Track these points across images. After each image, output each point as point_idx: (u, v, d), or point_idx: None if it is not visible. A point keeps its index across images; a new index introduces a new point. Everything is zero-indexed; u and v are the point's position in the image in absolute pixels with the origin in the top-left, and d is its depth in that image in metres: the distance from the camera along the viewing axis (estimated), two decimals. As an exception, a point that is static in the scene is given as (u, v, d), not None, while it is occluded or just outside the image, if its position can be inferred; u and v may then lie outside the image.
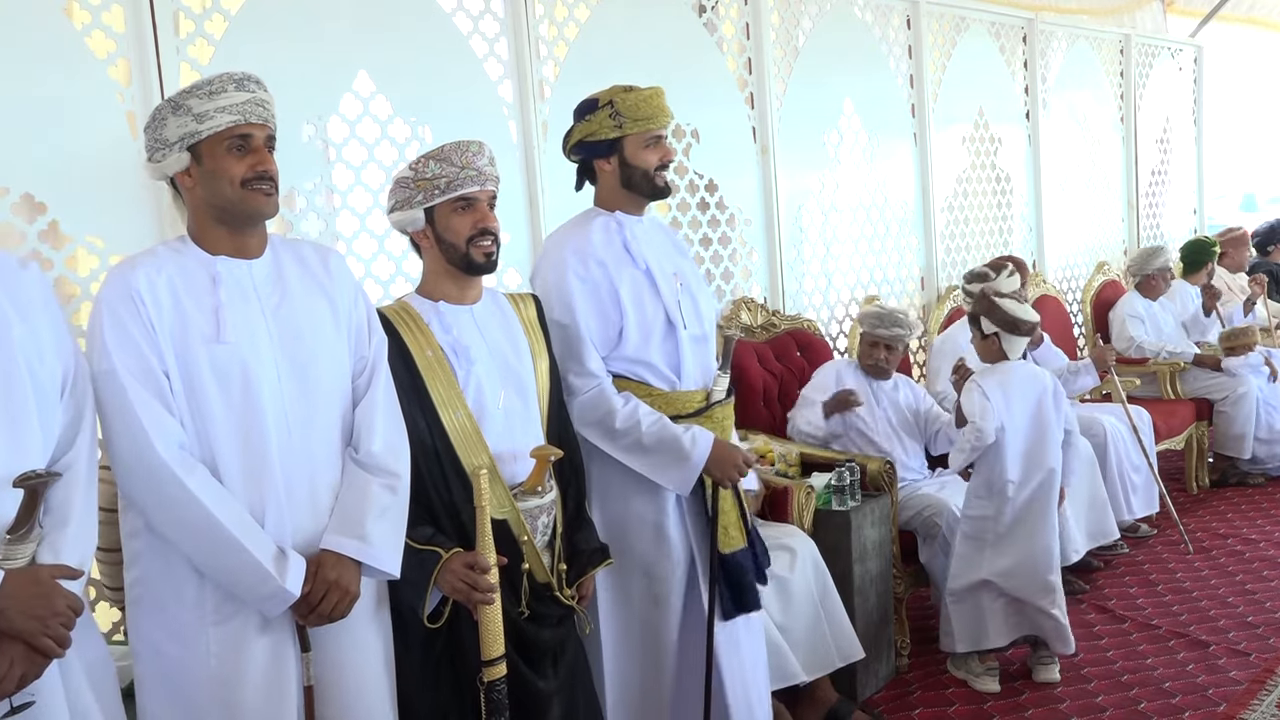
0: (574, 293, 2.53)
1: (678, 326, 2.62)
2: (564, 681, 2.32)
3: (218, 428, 1.90)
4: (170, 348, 1.88)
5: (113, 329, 1.85)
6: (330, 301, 2.06)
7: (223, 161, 1.93)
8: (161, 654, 1.93)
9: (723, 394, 2.67)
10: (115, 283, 1.90)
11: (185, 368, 1.89)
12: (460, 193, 2.24)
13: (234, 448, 1.91)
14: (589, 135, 2.59)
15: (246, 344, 1.93)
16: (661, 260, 2.66)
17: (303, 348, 1.99)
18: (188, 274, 1.94)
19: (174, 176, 1.97)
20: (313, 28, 3.15)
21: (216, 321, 1.91)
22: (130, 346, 1.85)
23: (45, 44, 2.64)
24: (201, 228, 1.99)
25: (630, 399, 2.55)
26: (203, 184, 1.95)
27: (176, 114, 1.92)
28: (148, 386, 1.85)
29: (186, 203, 2.00)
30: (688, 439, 2.53)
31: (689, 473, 2.54)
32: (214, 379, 1.90)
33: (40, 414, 1.73)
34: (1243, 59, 8.80)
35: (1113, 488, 4.55)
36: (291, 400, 1.96)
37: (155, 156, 1.96)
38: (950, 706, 3.39)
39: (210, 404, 1.90)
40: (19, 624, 1.60)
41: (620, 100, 2.56)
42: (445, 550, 2.12)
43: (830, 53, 4.85)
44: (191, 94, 1.92)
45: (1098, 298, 6.20)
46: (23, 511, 1.65)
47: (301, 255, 2.09)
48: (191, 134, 1.91)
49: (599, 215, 2.65)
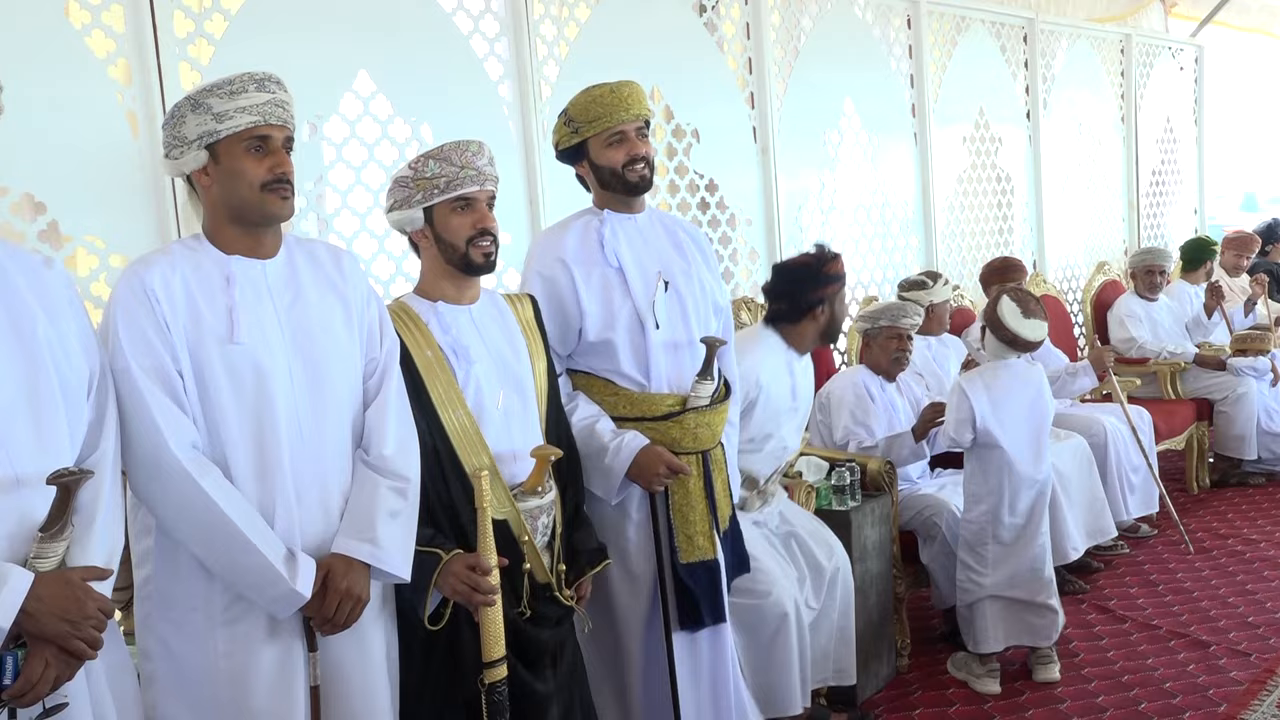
0: (535, 291, 2.55)
1: (647, 327, 2.59)
2: (562, 683, 2.31)
3: (230, 428, 1.89)
4: (184, 347, 1.87)
5: (126, 327, 1.85)
6: (343, 302, 2.06)
7: (241, 162, 1.92)
8: (171, 653, 1.93)
9: (704, 401, 2.61)
10: (129, 281, 1.88)
11: (198, 367, 1.88)
12: (459, 192, 2.24)
13: (246, 448, 1.90)
14: (557, 144, 2.65)
15: (260, 344, 1.92)
16: (644, 259, 2.64)
17: (315, 348, 1.99)
18: (202, 273, 1.93)
19: (191, 175, 1.96)
20: (313, 28, 3.15)
21: (230, 321, 1.90)
22: (144, 345, 1.84)
23: (45, 44, 2.64)
24: (216, 227, 1.98)
25: (575, 396, 2.56)
26: (220, 183, 1.94)
27: (196, 112, 1.90)
28: (162, 385, 1.84)
29: (202, 201, 1.99)
30: (612, 448, 2.50)
31: (612, 480, 2.52)
32: (227, 379, 1.89)
33: (68, 413, 1.73)
34: (1243, 59, 8.81)
35: (1111, 488, 4.55)
36: (304, 401, 1.96)
37: (173, 154, 1.94)
38: (950, 706, 3.39)
39: (223, 404, 1.89)
40: (51, 628, 1.60)
41: (572, 106, 2.58)
42: (445, 552, 2.11)
43: (830, 53, 4.86)
44: (212, 92, 1.91)
45: (1098, 298, 6.20)
46: (55, 509, 1.65)
47: (315, 255, 2.08)
48: (210, 133, 1.90)
49: (583, 214, 2.68)
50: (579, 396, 2.58)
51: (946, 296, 4.52)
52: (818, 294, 3.20)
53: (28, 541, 1.64)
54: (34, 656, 1.60)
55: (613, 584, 2.59)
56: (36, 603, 1.58)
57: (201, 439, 1.88)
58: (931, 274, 4.59)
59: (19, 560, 1.63)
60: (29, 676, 1.59)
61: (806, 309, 3.21)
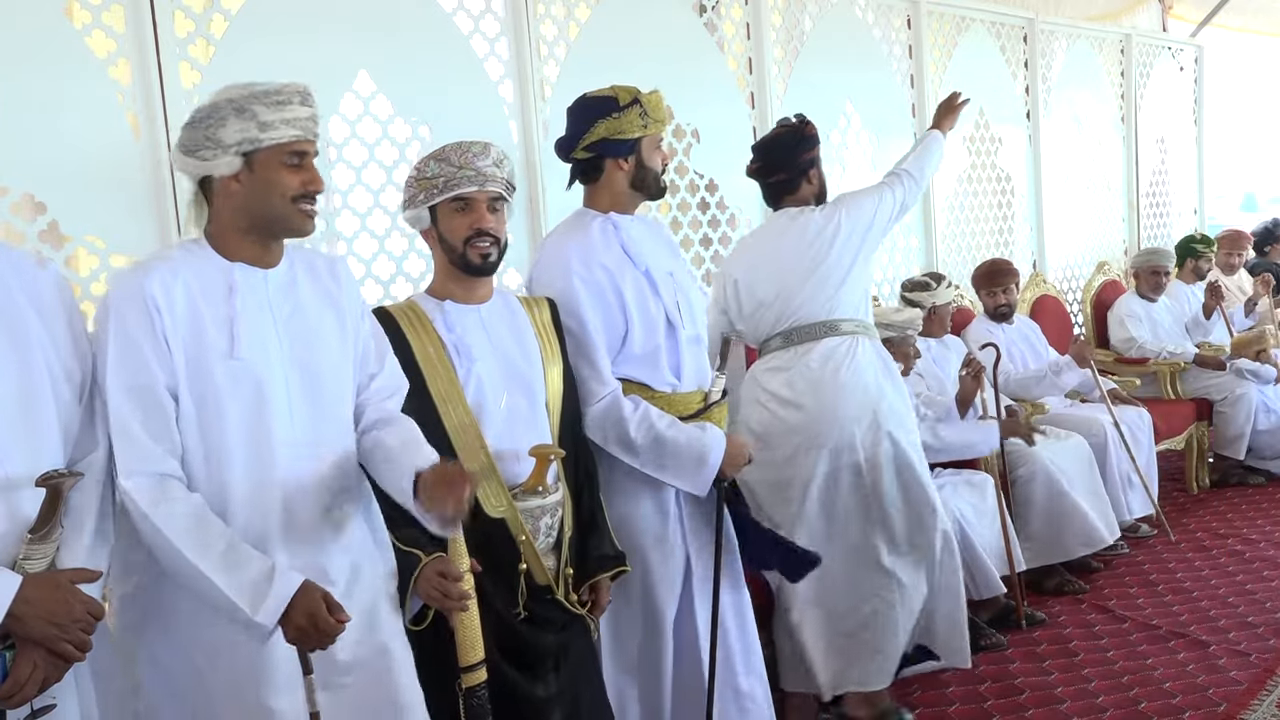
0: (580, 298, 2.50)
1: (677, 327, 2.61)
2: (565, 688, 2.29)
3: (229, 443, 1.84)
4: (182, 361, 1.81)
5: (119, 339, 1.78)
6: (338, 312, 2.02)
7: (278, 174, 1.87)
8: (158, 661, 1.89)
9: (719, 395, 2.67)
10: (128, 289, 1.81)
11: (198, 383, 1.82)
12: (456, 193, 2.24)
13: (243, 464, 1.85)
14: (616, 133, 2.56)
15: (259, 358, 1.87)
16: (658, 260, 2.65)
17: (312, 360, 1.95)
18: (204, 280, 1.87)
19: (213, 178, 1.88)
20: (313, 28, 3.15)
21: (230, 335, 1.85)
22: (132, 362, 1.78)
23: (45, 44, 2.64)
24: (225, 232, 1.91)
25: (639, 404, 2.53)
26: (250, 192, 1.87)
27: (240, 117, 1.84)
28: (140, 408, 1.78)
29: (216, 206, 1.91)
30: (704, 442, 2.53)
31: (707, 474, 2.55)
32: (227, 394, 1.84)
33: (59, 415, 1.72)
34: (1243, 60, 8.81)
35: (1112, 487, 4.55)
36: (300, 414, 1.92)
37: (201, 154, 1.86)
38: (950, 706, 3.39)
39: (222, 419, 1.84)
40: (39, 630, 1.59)
41: (645, 100, 2.58)
42: (425, 554, 2.07)
43: (831, 53, 4.85)
44: (258, 99, 1.85)
45: (1098, 298, 6.20)
46: (45, 511, 1.65)
47: (314, 266, 2.04)
48: (251, 140, 1.84)
49: (595, 217, 2.63)
50: (640, 400, 2.55)
51: (949, 298, 4.51)
52: (808, 155, 3.27)
53: (17, 543, 1.64)
54: (22, 658, 1.59)
55: (652, 576, 2.60)
56: (25, 605, 1.58)
57: (197, 459, 1.83)
58: (935, 275, 4.59)
59: (7, 561, 1.62)
60: (17, 678, 1.58)
61: (801, 173, 3.27)
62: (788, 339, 3.15)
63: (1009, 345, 4.78)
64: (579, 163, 2.64)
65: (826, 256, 3.13)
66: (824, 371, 3.08)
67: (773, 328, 3.19)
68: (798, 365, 3.11)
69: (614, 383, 2.52)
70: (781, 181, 3.28)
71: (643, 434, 2.49)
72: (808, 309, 3.13)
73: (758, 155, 3.33)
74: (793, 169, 3.25)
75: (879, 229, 3.26)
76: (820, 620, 3.10)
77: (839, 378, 3.07)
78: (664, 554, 2.60)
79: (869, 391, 3.09)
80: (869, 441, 3.08)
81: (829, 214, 3.20)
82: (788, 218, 3.24)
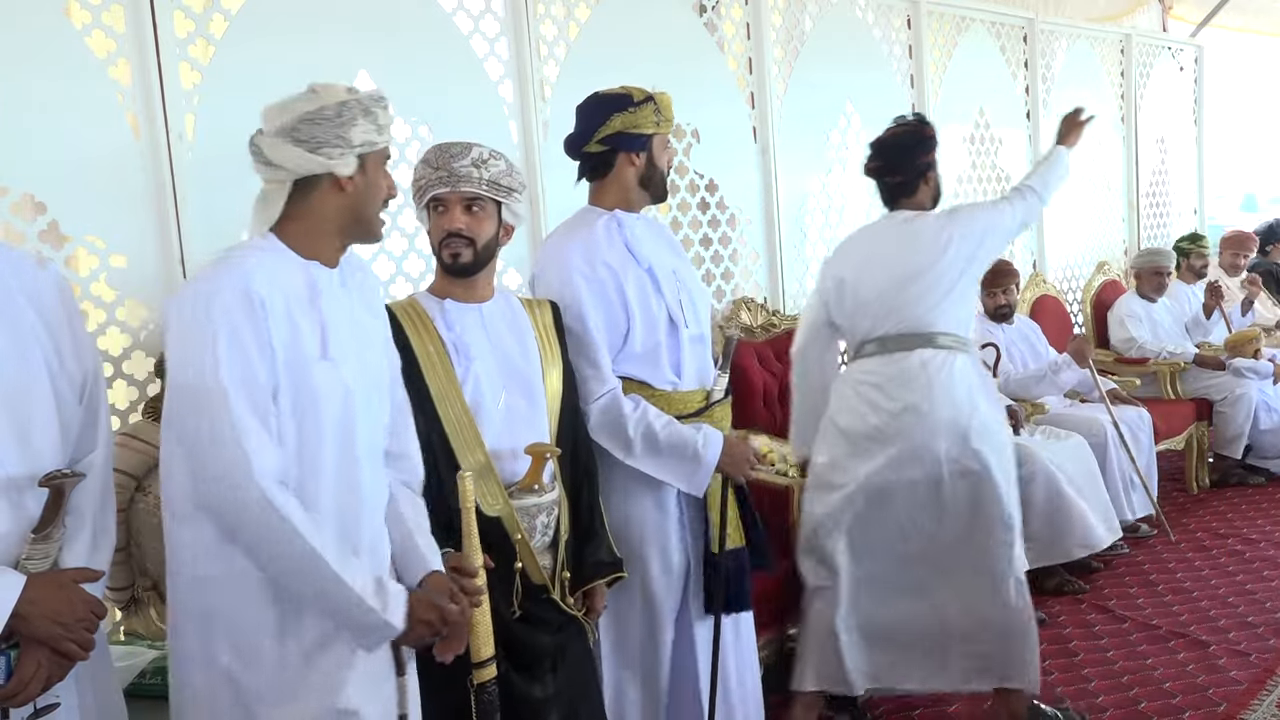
0: (582, 297, 2.50)
1: (679, 326, 2.61)
2: (562, 689, 2.29)
3: (322, 452, 1.78)
4: (283, 364, 1.74)
5: (230, 341, 1.69)
6: (374, 314, 2.00)
7: (381, 178, 1.89)
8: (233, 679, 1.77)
9: (721, 394, 2.67)
10: (232, 287, 1.71)
11: (295, 386, 1.75)
12: (430, 195, 2.26)
13: (332, 473, 1.80)
14: (631, 126, 2.56)
15: (344, 360, 1.82)
16: (662, 258, 2.65)
17: (372, 362, 1.92)
18: (290, 279, 1.80)
19: (312, 175, 1.81)
20: (313, 28, 3.15)
21: (322, 335, 1.79)
22: (244, 363, 1.70)
23: (45, 44, 2.64)
24: (313, 231, 1.84)
25: (639, 403, 2.53)
26: (360, 193, 1.85)
27: (367, 119, 1.82)
28: (256, 410, 1.70)
29: (313, 204, 1.83)
30: (699, 440, 2.53)
31: (703, 473, 2.54)
32: (321, 398, 1.77)
33: (60, 415, 1.72)
34: (1243, 60, 8.81)
35: (1113, 487, 4.56)
36: (370, 422, 1.88)
37: (328, 151, 1.79)
38: (950, 706, 3.39)
39: (319, 424, 1.78)
40: (43, 630, 1.60)
41: (659, 98, 2.60)
42: None
43: (831, 53, 4.85)
44: (376, 103, 1.85)
45: (1098, 298, 6.20)
46: (48, 511, 1.65)
47: (352, 264, 1.98)
48: (371, 143, 1.83)
49: (599, 215, 2.62)
50: (640, 399, 2.54)
51: None
52: (926, 158, 3.24)
53: (18, 543, 1.64)
54: (26, 657, 1.60)
55: (651, 574, 2.59)
56: (29, 605, 1.59)
57: (290, 463, 1.74)
58: None
59: (9, 562, 1.63)
60: (21, 677, 1.59)
61: (919, 175, 3.23)
62: (883, 345, 3.10)
63: (1009, 345, 4.78)
64: (590, 157, 2.61)
65: (934, 265, 3.08)
66: (917, 383, 3.03)
67: (869, 331, 3.14)
68: (892, 372, 3.07)
69: (614, 381, 2.52)
70: (899, 183, 3.23)
71: (639, 433, 2.49)
72: (908, 317, 3.08)
73: (876, 154, 3.28)
74: (910, 171, 3.21)
75: (993, 244, 3.20)
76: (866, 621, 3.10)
77: (932, 391, 3.02)
78: (664, 554, 2.60)
79: (960, 407, 3.03)
80: (954, 456, 3.02)
81: (943, 222, 3.15)
82: (903, 219, 3.20)
